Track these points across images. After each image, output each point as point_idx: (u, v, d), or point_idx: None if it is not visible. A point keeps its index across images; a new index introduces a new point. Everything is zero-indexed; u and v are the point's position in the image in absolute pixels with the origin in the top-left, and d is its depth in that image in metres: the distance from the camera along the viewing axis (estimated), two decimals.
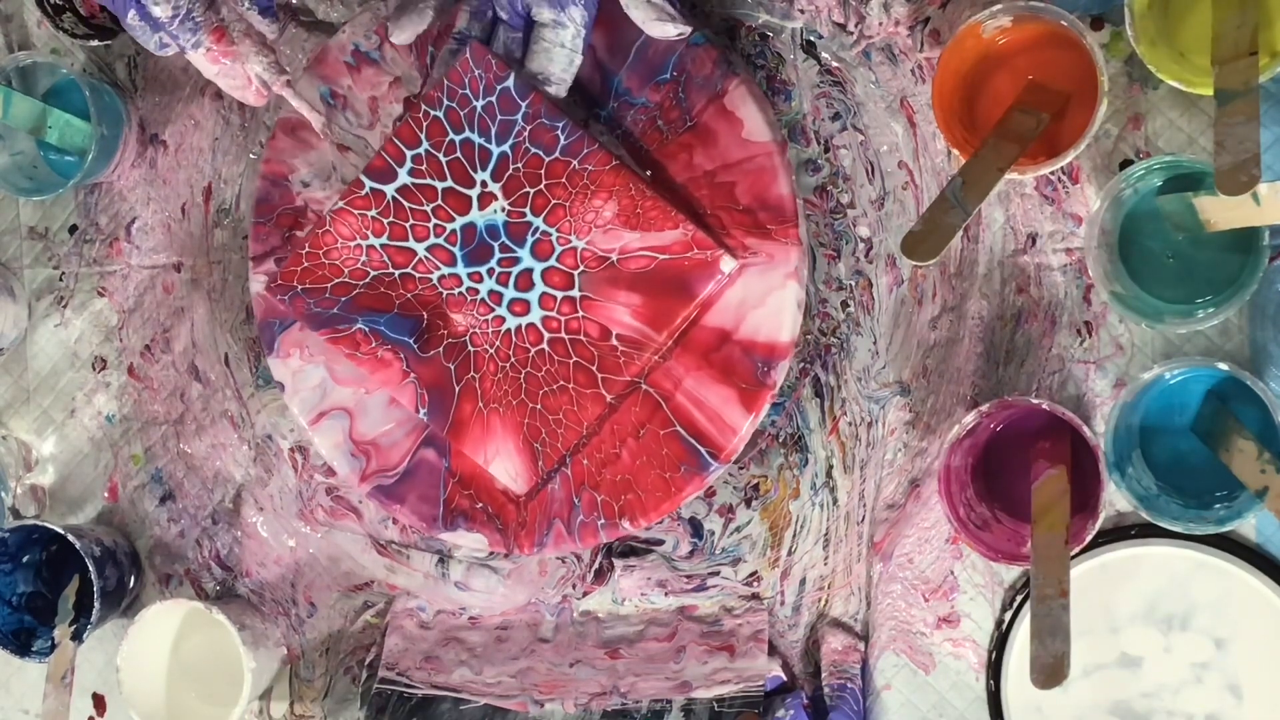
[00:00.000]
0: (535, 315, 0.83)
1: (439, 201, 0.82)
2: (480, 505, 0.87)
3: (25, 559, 0.99)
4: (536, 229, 0.82)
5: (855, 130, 0.87)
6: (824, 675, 0.87)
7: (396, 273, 0.84)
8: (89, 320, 1.01)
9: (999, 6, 0.79)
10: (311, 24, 0.95)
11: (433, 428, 0.86)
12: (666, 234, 0.81)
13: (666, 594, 0.91)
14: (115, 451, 1.01)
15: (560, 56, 0.81)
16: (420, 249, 0.83)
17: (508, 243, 0.82)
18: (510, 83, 0.80)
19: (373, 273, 0.84)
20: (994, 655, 0.86)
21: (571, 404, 0.83)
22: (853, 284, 0.88)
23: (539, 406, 0.83)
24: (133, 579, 0.99)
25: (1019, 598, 0.85)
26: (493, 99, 0.80)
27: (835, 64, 0.87)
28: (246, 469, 0.98)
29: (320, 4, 0.95)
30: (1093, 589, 0.83)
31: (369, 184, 0.83)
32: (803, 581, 0.89)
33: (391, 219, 0.83)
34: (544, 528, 0.86)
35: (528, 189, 0.81)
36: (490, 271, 0.83)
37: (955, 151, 0.82)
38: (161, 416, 1.00)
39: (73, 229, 1.02)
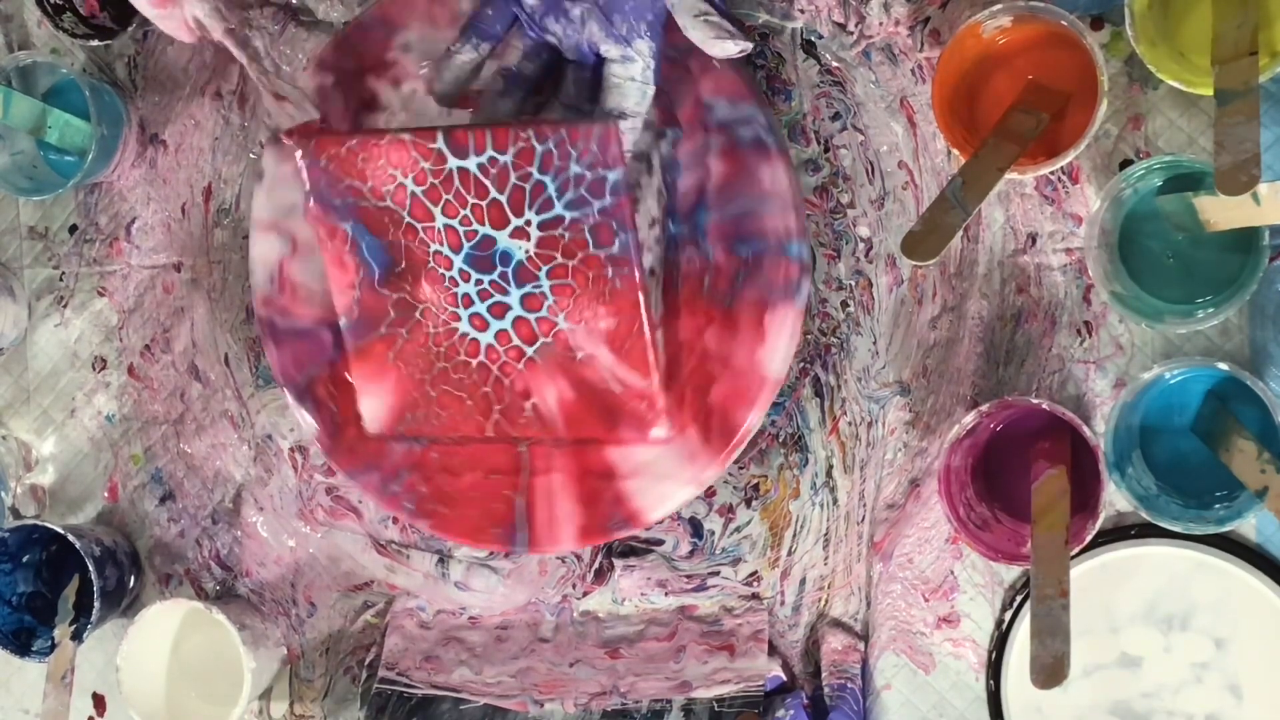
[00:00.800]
0: (486, 338, 0.84)
1: (483, 203, 0.82)
2: (334, 404, 0.89)
3: (25, 559, 0.99)
4: (539, 286, 0.82)
5: (855, 130, 0.87)
6: (824, 675, 0.87)
7: (408, 219, 0.84)
8: (89, 320, 1.01)
9: (999, 6, 0.79)
10: (311, 24, 0.95)
11: (344, 336, 0.87)
12: (634, 375, 0.81)
13: (666, 594, 0.91)
14: (115, 451, 1.01)
15: (633, 90, 0.80)
16: (440, 221, 0.83)
17: (509, 274, 0.82)
18: (615, 175, 0.79)
19: (389, 203, 0.84)
20: (994, 655, 0.86)
21: (458, 412, 0.85)
22: (853, 284, 0.88)
23: (433, 393, 0.85)
24: (133, 579, 0.99)
25: (1019, 598, 0.85)
26: (588, 174, 0.80)
27: (835, 64, 0.87)
28: (246, 469, 0.98)
29: (320, 4, 0.95)
30: (1093, 589, 0.83)
31: (440, 144, 0.82)
32: (803, 581, 0.89)
33: (436, 182, 0.83)
34: (365, 465, 0.88)
35: (557, 256, 0.81)
36: (479, 281, 0.83)
37: (955, 151, 0.82)
38: (161, 416, 1.00)
39: (73, 229, 1.02)
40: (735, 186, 0.83)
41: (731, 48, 0.79)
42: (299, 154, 0.84)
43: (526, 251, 0.82)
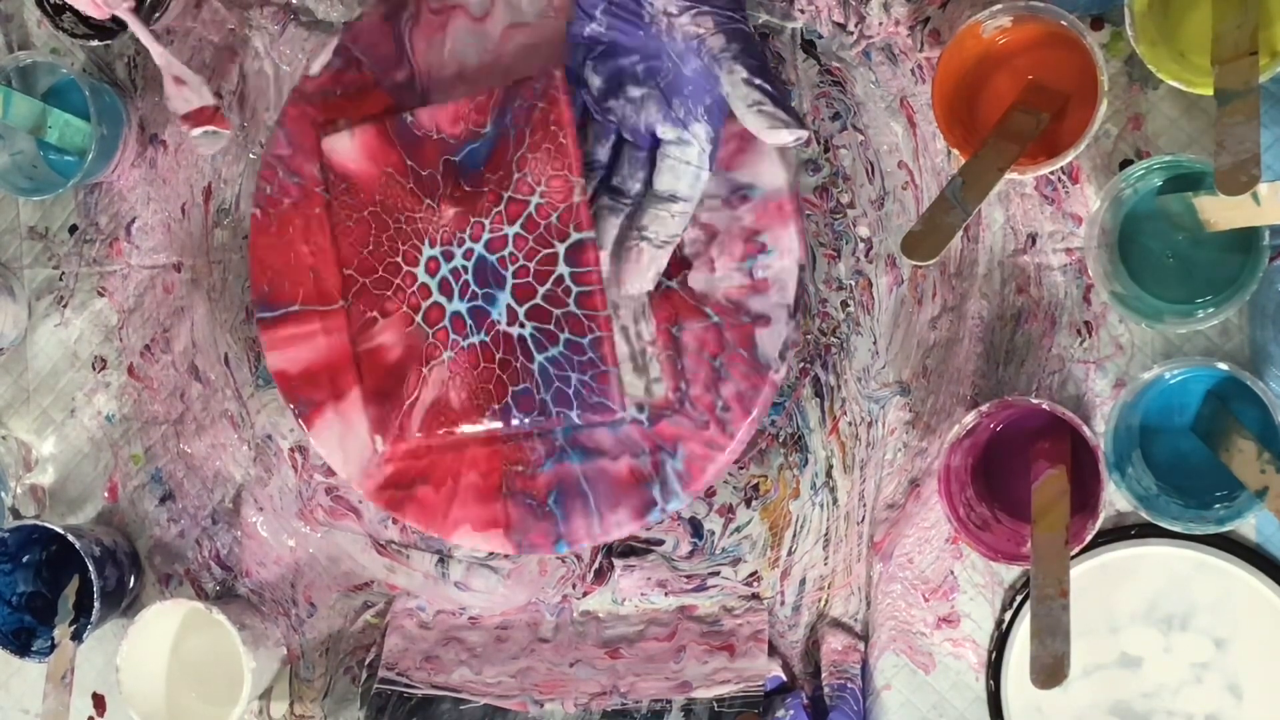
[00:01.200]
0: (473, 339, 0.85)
1: (484, 220, 0.83)
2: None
3: (25, 559, 0.99)
4: (505, 311, 0.83)
5: (855, 130, 0.87)
6: (824, 675, 0.87)
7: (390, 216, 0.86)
8: (89, 320, 1.01)
9: (999, 6, 0.79)
10: (311, 24, 0.95)
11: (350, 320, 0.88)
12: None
13: (666, 594, 0.91)
14: (115, 451, 1.01)
15: (686, 174, 0.80)
16: (423, 205, 0.85)
17: (481, 295, 0.84)
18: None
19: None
20: (994, 655, 0.86)
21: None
22: (853, 284, 0.88)
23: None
24: (133, 579, 0.99)
25: (1019, 598, 0.85)
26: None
27: (835, 64, 0.87)
28: (246, 469, 0.98)
29: (320, 4, 0.95)
30: (1093, 589, 0.83)
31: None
32: (803, 581, 0.89)
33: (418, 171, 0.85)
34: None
35: (539, 303, 0.83)
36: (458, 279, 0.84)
37: (955, 151, 0.82)
38: (161, 416, 1.00)
39: (73, 229, 1.02)
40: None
41: (787, 136, 0.78)
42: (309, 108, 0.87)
43: (511, 285, 0.83)
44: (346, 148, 0.86)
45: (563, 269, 0.82)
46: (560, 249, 0.81)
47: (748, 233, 0.81)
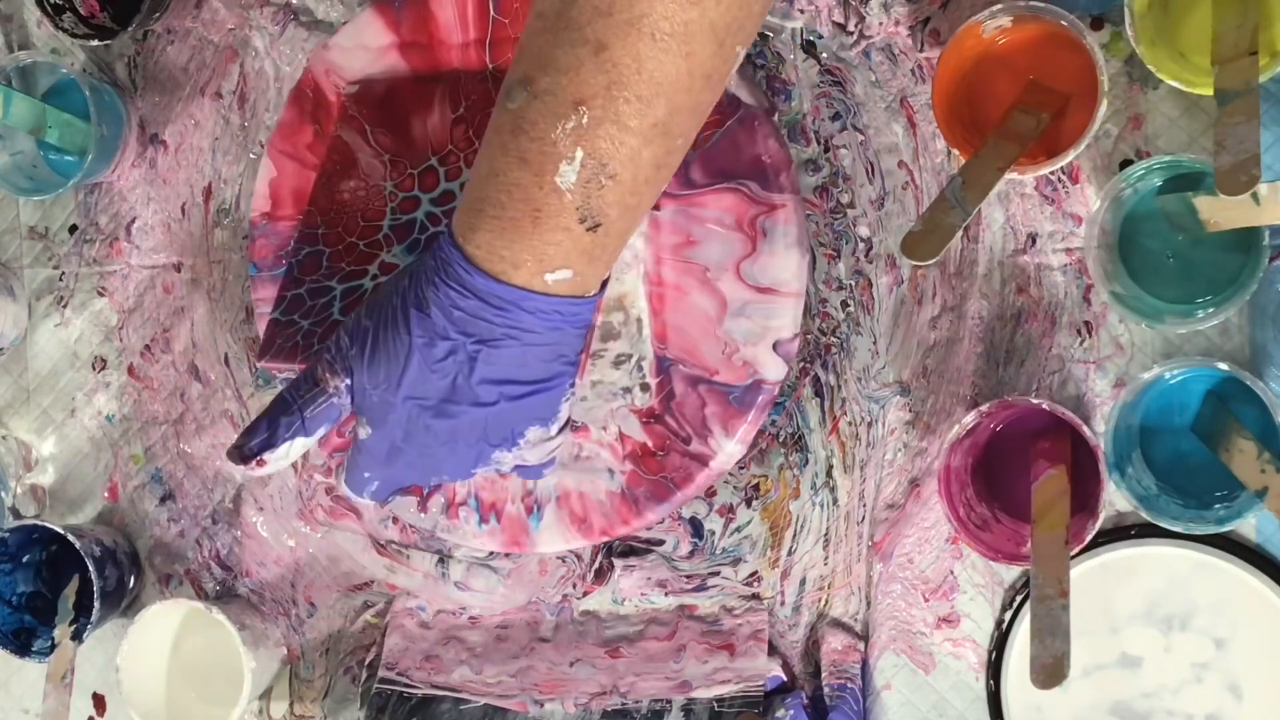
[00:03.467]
0: None
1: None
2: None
3: (25, 559, 0.99)
4: None
5: (855, 130, 0.87)
6: (824, 675, 0.87)
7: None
8: (89, 320, 1.01)
9: (999, 6, 0.79)
10: (311, 24, 0.95)
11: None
12: None
13: (666, 594, 0.91)
14: (115, 451, 1.01)
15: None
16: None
17: None
18: None
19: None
20: (994, 655, 0.86)
21: None
22: (853, 284, 0.88)
23: None
24: (133, 579, 0.99)
25: (1019, 598, 0.85)
26: None
27: (835, 64, 0.87)
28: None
29: (320, 4, 0.95)
30: (1093, 589, 0.83)
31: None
32: (803, 581, 0.89)
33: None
34: None
35: None
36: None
37: (955, 151, 0.82)
38: (161, 416, 1.00)
39: (73, 229, 1.02)
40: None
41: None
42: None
43: None
44: None
45: None
46: None
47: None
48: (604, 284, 0.72)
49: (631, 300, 0.84)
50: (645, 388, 0.85)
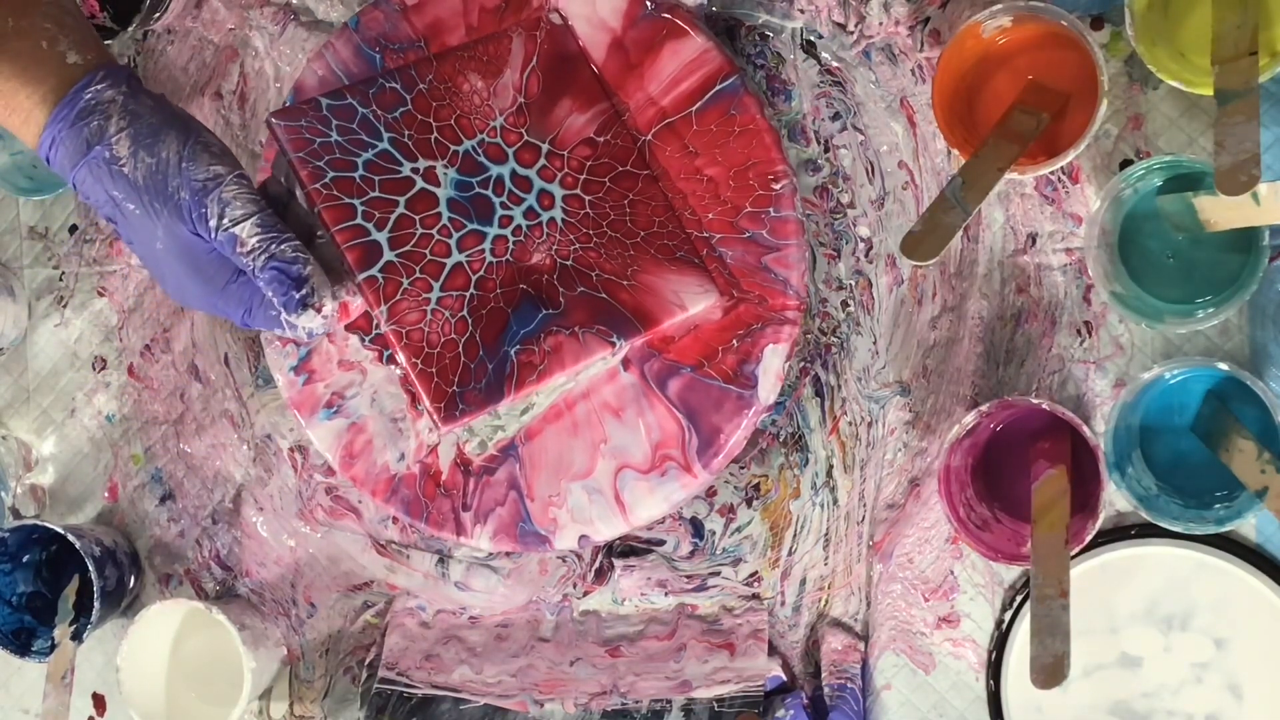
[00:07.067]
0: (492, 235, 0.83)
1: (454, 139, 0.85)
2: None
3: (25, 559, 0.99)
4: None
5: (855, 130, 0.87)
6: (824, 675, 0.87)
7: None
8: (89, 320, 1.01)
9: (999, 6, 0.79)
10: (311, 24, 0.95)
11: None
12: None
13: (667, 594, 0.91)
14: (115, 451, 1.01)
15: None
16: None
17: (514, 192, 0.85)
18: None
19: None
20: (994, 655, 0.86)
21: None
22: (853, 284, 0.88)
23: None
24: (133, 579, 0.99)
25: (1019, 598, 0.85)
26: None
27: (835, 64, 0.87)
28: (246, 469, 0.98)
29: (320, 4, 0.95)
30: (1093, 589, 0.83)
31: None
32: (803, 581, 0.89)
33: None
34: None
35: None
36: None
37: (955, 151, 0.82)
38: (161, 416, 1.00)
39: (73, 229, 1.02)
40: None
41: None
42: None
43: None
44: None
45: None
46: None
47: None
48: None
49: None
50: None
